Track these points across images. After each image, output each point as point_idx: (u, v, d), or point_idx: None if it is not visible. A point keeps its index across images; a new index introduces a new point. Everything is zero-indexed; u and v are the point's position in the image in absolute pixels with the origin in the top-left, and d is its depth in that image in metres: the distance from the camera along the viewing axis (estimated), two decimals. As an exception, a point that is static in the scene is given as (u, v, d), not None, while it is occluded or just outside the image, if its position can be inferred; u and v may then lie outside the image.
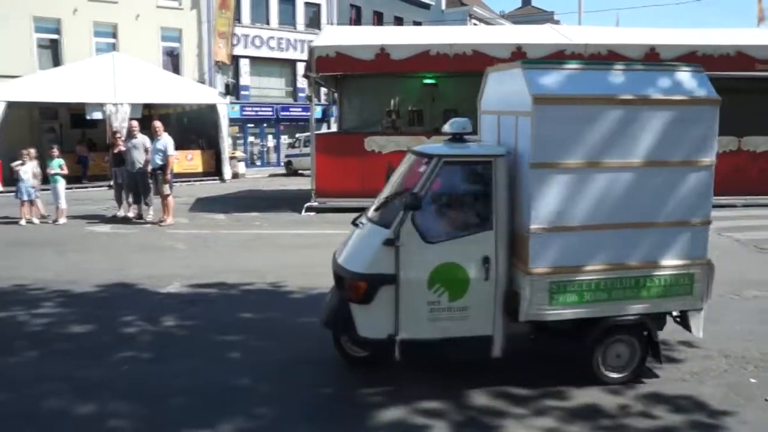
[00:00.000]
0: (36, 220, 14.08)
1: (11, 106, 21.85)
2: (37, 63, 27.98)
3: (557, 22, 44.18)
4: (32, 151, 14.60)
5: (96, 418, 4.57)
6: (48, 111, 26.97)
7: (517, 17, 63.12)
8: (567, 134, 4.70)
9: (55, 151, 14.89)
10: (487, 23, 50.07)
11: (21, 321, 6.88)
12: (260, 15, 36.36)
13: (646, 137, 4.80)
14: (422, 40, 15.81)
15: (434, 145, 5.52)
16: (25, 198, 13.99)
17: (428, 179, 4.92)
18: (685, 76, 5.00)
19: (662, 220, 4.90)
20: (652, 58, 14.67)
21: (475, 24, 48.18)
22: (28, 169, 14.13)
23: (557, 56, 14.60)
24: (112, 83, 22.72)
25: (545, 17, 55.96)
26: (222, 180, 24.99)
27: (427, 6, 47.40)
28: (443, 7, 50.92)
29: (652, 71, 5.11)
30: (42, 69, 26.77)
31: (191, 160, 25.46)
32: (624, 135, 4.77)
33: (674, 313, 5.28)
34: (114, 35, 30.10)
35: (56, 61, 28.29)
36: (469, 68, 14.34)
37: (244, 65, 35.42)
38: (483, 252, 4.81)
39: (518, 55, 14.52)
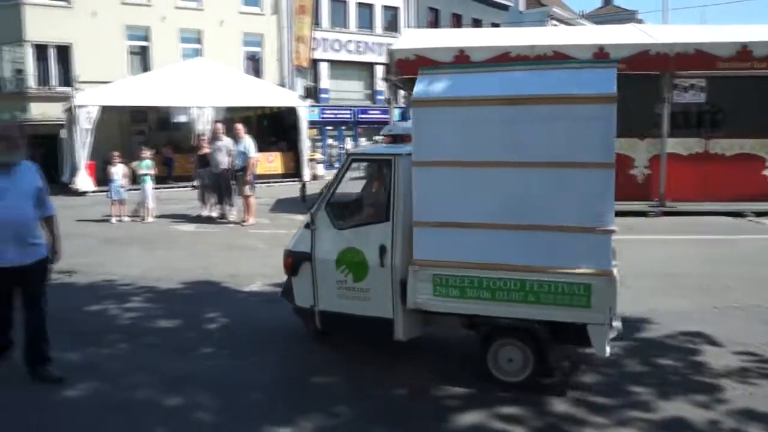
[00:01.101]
0: (126, 219, 14.71)
1: (104, 109, 22.88)
2: (128, 69, 29.25)
3: (640, 21, 43.02)
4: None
5: (182, 410, 4.73)
6: (137, 114, 28.12)
7: (598, 17, 61.73)
8: (447, 134, 4.81)
9: (145, 153, 15.53)
10: (567, 24, 49.17)
11: (112, 314, 7.21)
12: (339, 19, 36.86)
13: (534, 137, 4.63)
14: (502, 42, 15.69)
15: (366, 146, 5.89)
16: (116, 197, 14.64)
17: (341, 172, 5.57)
18: (589, 74, 4.75)
19: (554, 224, 4.63)
20: (744, 55, 14.14)
21: (554, 25, 47.38)
22: (119, 170, 14.79)
23: (641, 57, 14.25)
24: (197, 87, 23.48)
25: (628, 16, 54.58)
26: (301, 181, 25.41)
27: (505, 7, 46.99)
28: (522, 8, 50.41)
29: (555, 70, 5.01)
30: (132, 74, 27.96)
31: (272, 162, 26.00)
32: (511, 135, 4.68)
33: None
34: (199, 41, 31.15)
35: (145, 67, 29.49)
36: (550, 70, 14.17)
37: (324, 68, 35.98)
38: (380, 241, 5.16)
39: (600, 55, 14.21)
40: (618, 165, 4.78)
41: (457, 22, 41.96)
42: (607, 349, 4.71)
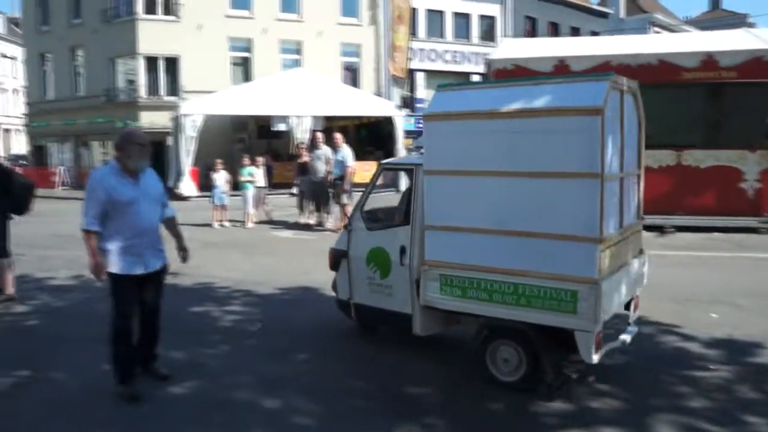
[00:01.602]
0: (227, 224, 15.22)
1: (208, 118, 23.81)
2: (231, 79, 30.32)
3: (752, 25, 40.93)
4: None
5: (280, 413, 4.82)
6: (239, 123, 29.10)
7: (704, 22, 59.07)
8: (453, 145, 5.21)
9: (246, 160, 16.04)
10: (671, 30, 47.39)
11: (214, 316, 7.47)
12: (435, 29, 36.95)
13: (528, 148, 4.89)
14: (602, 51, 15.28)
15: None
16: (218, 203, 15.18)
17: (374, 180, 6.31)
18: (580, 87, 4.88)
19: (544, 231, 4.82)
20: None
21: (657, 32, 45.85)
22: (221, 177, 15.33)
23: (754, 63, 13.51)
24: (296, 97, 24.06)
25: (737, 21, 52.05)
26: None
27: (605, 15, 45.84)
28: (622, 15, 49.02)
29: (552, 84, 5.15)
30: (235, 84, 28.96)
31: (368, 171, 26.16)
32: (507, 146, 4.97)
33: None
34: (299, 52, 31.93)
35: (247, 77, 30.50)
36: (654, 79, 13.66)
37: (420, 78, 36.13)
38: (401, 242, 5.68)
39: (709, 63, 13.63)
40: (725, 178, 4.68)
41: (554, 30, 41.26)
42: (595, 357, 4.74)
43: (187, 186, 23.40)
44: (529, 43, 19.81)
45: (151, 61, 30.21)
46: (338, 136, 14.25)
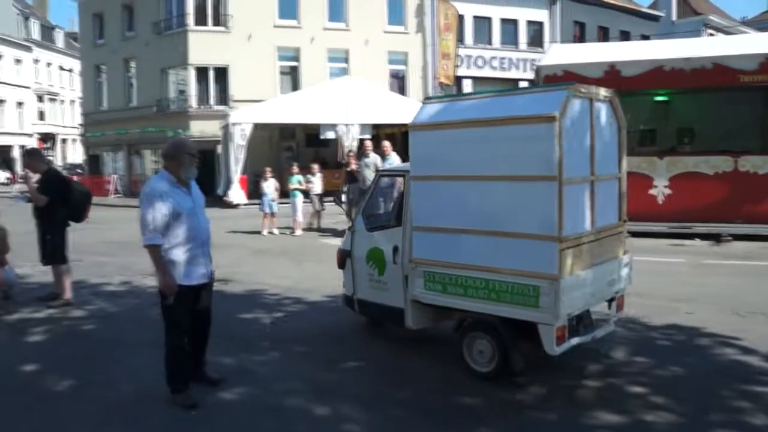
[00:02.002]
0: (276, 231, 15.36)
1: (257, 127, 24.12)
2: (279, 88, 30.68)
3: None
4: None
5: (329, 420, 4.82)
6: (286, 131, 29.41)
7: (762, 23, 57.43)
8: (434, 153, 5.73)
9: (295, 168, 16.20)
10: (726, 32, 46.22)
11: (264, 323, 7.52)
12: (483, 36, 36.78)
13: (496, 154, 5.28)
14: (654, 55, 14.96)
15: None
16: (267, 210, 15.33)
17: (373, 186, 7.08)
18: (542, 97, 5.24)
19: (510, 230, 5.19)
20: None
21: (711, 34, 44.77)
22: (270, 185, 15.49)
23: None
24: (344, 105, 24.20)
25: (798, 21, 50.43)
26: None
27: (656, 18, 44.93)
28: (674, 17, 47.99)
29: (521, 95, 5.68)
30: (283, 93, 29.29)
31: (414, 178, 26.24)
32: (479, 152, 5.38)
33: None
34: (346, 60, 32.13)
35: (295, 86, 30.82)
36: (709, 83, 13.37)
37: (467, 85, 35.98)
38: (394, 242, 6.14)
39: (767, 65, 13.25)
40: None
41: (603, 35, 40.60)
42: (557, 349, 5.05)
43: (237, 194, 23.72)
44: (579, 49, 19.57)
45: (202, 72, 30.78)
46: (387, 144, 14.25)
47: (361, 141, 16.64)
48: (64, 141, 65.36)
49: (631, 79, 14.27)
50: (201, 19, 30.77)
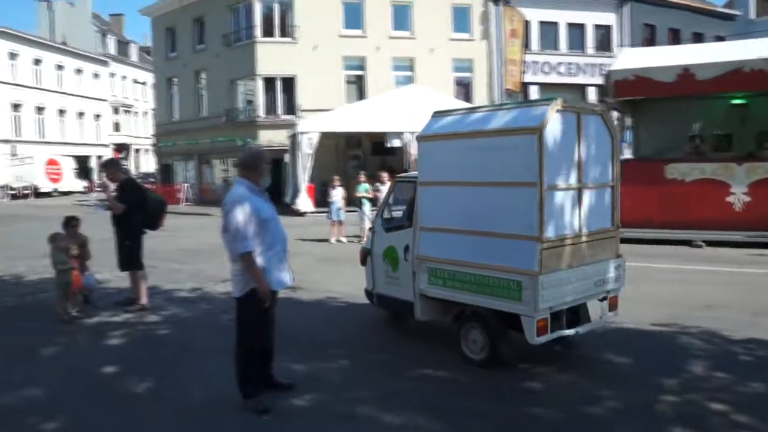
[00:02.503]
0: (344, 239, 15.46)
1: (323, 135, 24.38)
2: (345, 97, 30.98)
3: None
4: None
5: (399, 429, 4.80)
6: (353, 140, 29.61)
7: None
8: (437, 161, 6.36)
9: (362, 177, 16.28)
10: (810, 31, 44.14)
11: (333, 330, 7.60)
12: (549, 41, 36.27)
13: (487, 162, 5.85)
14: (731, 57, 14.44)
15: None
16: (335, 219, 15.46)
17: (390, 191, 7.88)
18: (528, 111, 5.73)
19: (500, 231, 5.77)
20: None
21: (793, 34, 42.81)
22: (338, 193, 15.62)
23: None
24: (409, 113, 24.21)
25: None
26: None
27: (731, 17, 43.29)
28: (752, 15, 46.18)
29: (514, 109, 6.02)
30: (349, 102, 29.54)
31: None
32: (471, 161, 5.99)
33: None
34: (411, 68, 32.21)
35: (361, 95, 31.05)
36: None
37: (534, 92, 35.54)
38: (406, 241, 6.79)
39: None
40: None
41: (674, 37, 39.37)
42: (537, 339, 5.59)
43: (304, 202, 24.01)
44: (651, 52, 19.03)
45: (269, 82, 31.36)
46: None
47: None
48: (137, 151, 67.57)
49: (706, 82, 13.82)
50: (268, 31, 31.38)
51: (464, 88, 33.76)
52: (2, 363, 6.74)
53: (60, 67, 56.33)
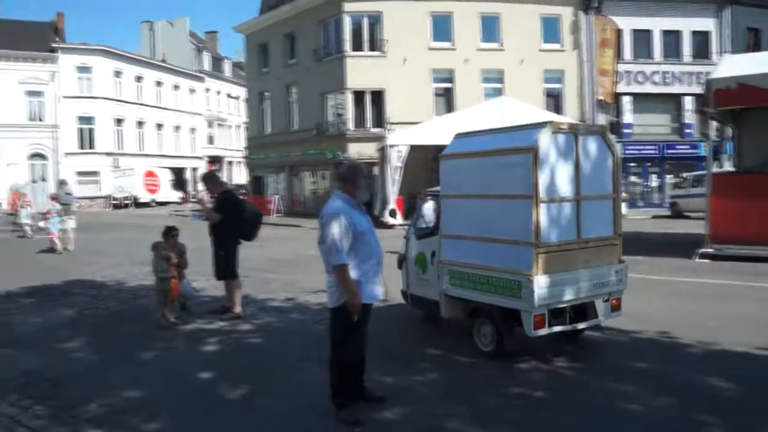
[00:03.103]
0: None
1: (413, 148, 24.42)
2: (434, 110, 30.99)
3: None
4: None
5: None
6: (442, 152, 29.47)
7: None
8: (455, 177, 7.27)
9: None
10: None
11: (423, 342, 7.54)
12: (643, 50, 35.16)
13: (494, 177, 6.66)
14: None
15: None
16: (423, 232, 15.40)
17: (421, 201, 9.27)
18: (528, 133, 6.48)
19: (501, 237, 6.58)
20: None
21: None
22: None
23: None
24: (499, 125, 23.93)
25: None
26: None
27: None
28: None
29: (518, 131, 6.79)
30: (437, 115, 29.52)
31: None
32: (480, 176, 6.81)
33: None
34: (500, 80, 31.94)
35: (449, 107, 30.98)
36: None
37: (627, 102, 34.55)
38: (433, 248, 7.67)
39: None
40: None
41: (782, 42, 37.27)
42: (534, 332, 6.34)
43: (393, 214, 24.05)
44: (755, 58, 18.02)
45: (359, 95, 31.75)
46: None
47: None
48: (230, 163, 69.69)
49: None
50: (357, 45, 31.81)
51: (554, 100, 33.17)
52: (106, 365, 7.05)
53: (159, 84, 58.90)
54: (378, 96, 31.52)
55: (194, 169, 62.68)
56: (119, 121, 53.12)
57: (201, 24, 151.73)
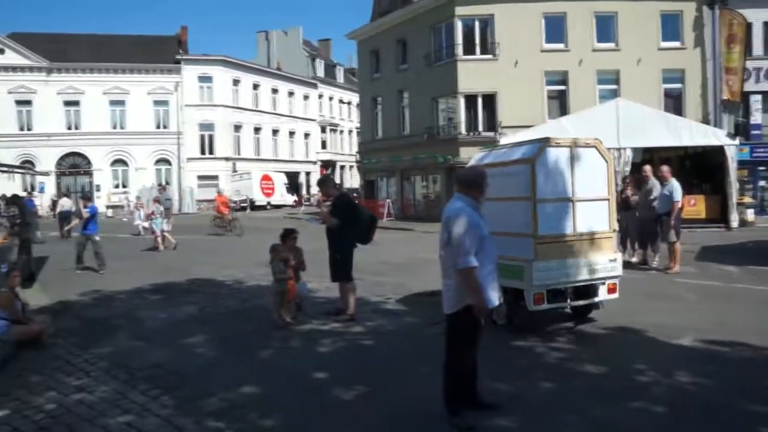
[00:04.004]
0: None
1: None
2: (547, 113, 30.37)
3: None
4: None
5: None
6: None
7: None
8: None
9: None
10: None
11: (539, 352, 7.37)
12: (775, 45, 32.90)
13: (503, 183, 7.93)
14: None
15: None
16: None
17: None
18: (530, 147, 8.19)
19: (510, 231, 7.89)
20: None
21: None
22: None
23: None
24: (615, 128, 23.18)
25: None
26: (728, 228, 23.01)
27: None
28: None
29: (520, 146, 8.56)
30: (551, 118, 28.88)
31: (694, 206, 24.12)
32: (496, 182, 7.22)
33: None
34: (616, 81, 30.83)
35: (563, 110, 30.21)
36: None
37: (755, 102, 32.40)
38: None
39: None
40: None
41: None
42: (534, 307, 7.81)
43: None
44: None
45: (470, 99, 31.54)
46: (665, 169, 13.31)
47: (641, 166, 15.46)
48: (342, 167, 71.08)
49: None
50: (469, 49, 31.59)
51: (674, 101, 31.60)
52: (226, 361, 7.36)
53: (275, 91, 60.99)
54: (490, 99, 31.18)
55: (308, 174, 64.44)
56: (237, 127, 55.45)
57: (314, 32, 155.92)
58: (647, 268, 13.45)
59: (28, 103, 49.26)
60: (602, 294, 8.28)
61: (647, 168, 14.04)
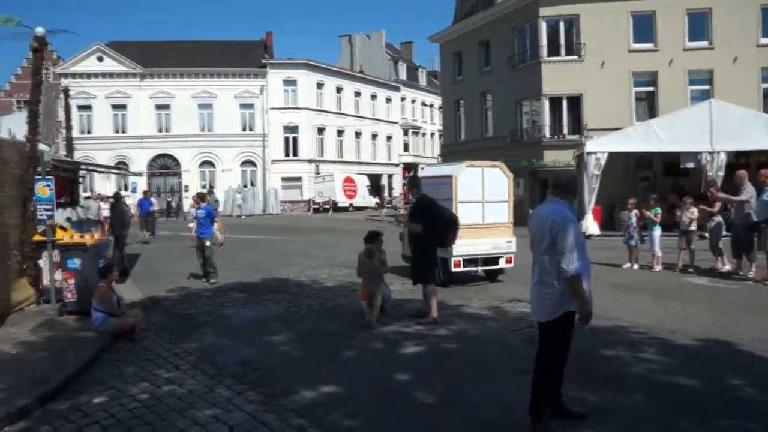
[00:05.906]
0: (636, 266, 14.64)
1: (610, 156, 23.34)
2: (635, 115, 29.46)
3: None
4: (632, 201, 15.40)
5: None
6: (642, 160, 27.94)
7: None
8: (431, 190, 10.86)
9: (653, 200, 15.30)
10: None
11: (626, 362, 7.13)
12: None
13: (440, 190, 11.75)
14: None
15: None
16: (634, 244, 14.68)
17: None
18: (455, 167, 12.78)
19: (497, 222, 12.58)
20: None
21: None
22: (633, 216, 14.86)
23: None
24: (708, 131, 22.27)
25: None
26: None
27: None
28: None
29: (450, 165, 14.52)
30: (638, 120, 27.98)
31: (792, 212, 22.88)
32: (437, 189, 11.48)
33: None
34: (709, 82, 29.54)
35: (652, 112, 29.25)
36: None
37: None
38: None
39: None
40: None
41: None
42: (454, 270, 12.11)
43: (590, 224, 23.13)
44: None
45: (555, 101, 30.99)
46: (742, 174, 12.73)
47: (737, 171, 14.69)
48: (422, 169, 71.16)
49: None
50: (554, 50, 31.04)
51: (775, 101, 30.03)
52: (309, 360, 7.48)
53: (357, 94, 61.63)
54: (575, 102, 30.54)
55: (390, 176, 64.76)
56: (320, 130, 56.35)
57: (397, 35, 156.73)
58: (743, 278, 12.82)
59: (123, 107, 51.69)
60: (502, 263, 12.62)
61: (742, 172, 13.31)
